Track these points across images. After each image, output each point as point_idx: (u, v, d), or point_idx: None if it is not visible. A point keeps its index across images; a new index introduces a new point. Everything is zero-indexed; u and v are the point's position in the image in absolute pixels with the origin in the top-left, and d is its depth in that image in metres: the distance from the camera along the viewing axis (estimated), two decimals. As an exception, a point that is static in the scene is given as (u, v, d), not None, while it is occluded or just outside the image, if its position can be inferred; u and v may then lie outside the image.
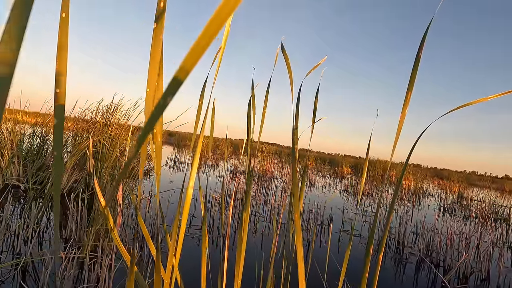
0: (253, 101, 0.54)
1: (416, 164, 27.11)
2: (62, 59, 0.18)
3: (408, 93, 0.42)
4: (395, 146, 0.45)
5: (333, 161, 14.65)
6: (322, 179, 7.04)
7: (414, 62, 0.41)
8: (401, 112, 0.43)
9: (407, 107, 0.43)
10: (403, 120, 0.43)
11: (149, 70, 0.31)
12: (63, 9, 0.18)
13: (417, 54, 0.40)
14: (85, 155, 2.58)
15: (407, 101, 0.42)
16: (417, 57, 0.40)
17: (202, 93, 0.45)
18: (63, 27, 0.18)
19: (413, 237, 2.64)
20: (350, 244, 0.58)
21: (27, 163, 2.64)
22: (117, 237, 0.36)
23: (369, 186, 5.70)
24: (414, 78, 0.41)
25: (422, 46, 0.40)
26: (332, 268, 1.66)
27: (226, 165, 1.32)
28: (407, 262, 1.97)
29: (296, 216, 0.36)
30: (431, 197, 6.31)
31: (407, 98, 0.42)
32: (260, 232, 2.15)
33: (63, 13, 0.18)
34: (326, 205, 3.52)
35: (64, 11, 0.18)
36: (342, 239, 2.26)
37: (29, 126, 3.11)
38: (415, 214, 3.77)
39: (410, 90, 0.42)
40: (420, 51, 0.40)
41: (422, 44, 0.40)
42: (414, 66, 0.41)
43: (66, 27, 0.18)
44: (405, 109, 0.42)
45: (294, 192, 0.36)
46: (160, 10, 0.27)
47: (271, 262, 0.58)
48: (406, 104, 0.42)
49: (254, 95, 0.56)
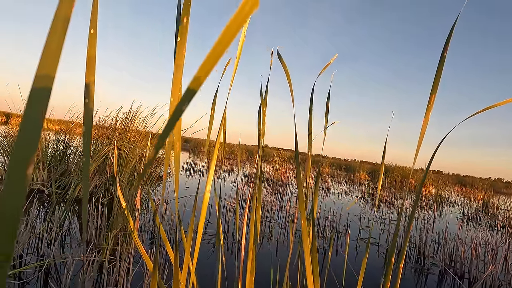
0: (263, 108, 0.54)
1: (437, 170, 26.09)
2: (90, 72, 0.20)
3: (432, 96, 0.39)
4: (418, 152, 0.44)
5: (349, 167, 14.38)
6: (338, 186, 6.91)
7: (439, 63, 0.38)
8: (424, 116, 0.41)
9: (431, 111, 0.40)
10: (426, 125, 0.41)
11: (173, 81, 0.32)
12: (92, 25, 0.19)
13: (441, 54, 0.38)
14: (104, 161, 2.67)
15: (431, 104, 0.40)
16: (442, 57, 0.38)
17: (213, 102, 0.46)
18: (92, 42, 0.20)
19: (435, 246, 2.53)
20: (367, 253, 0.57)
21: (51, 169, 2.75)
22: (137, 239, 0.37)
23: (387, 193, 5.55)
24: (438, 80, 0.39)
25: (447, 46, 0.37)
26: (349, 277, 1.62)
27: (240, 171, 1.32)
28: (429, 272, 1.89)
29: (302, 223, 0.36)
30: (454, 205, 6.05)
31: (430, 102, 0.40)
32: (275, 239, 2.14)
33: (91, 30, 0.19)
34: (342, 212, 3.45)
35: (93, 27, 0.19)
36: (360, 247, 2.21)
37: (53, 132, 3.25)
38: (436, 223, 3.63)
39: (434, 93, 0.39)
40: (445, 51, 0.37)
41: (447, 44, 0.37)
42: (439, 68, 0.39)
43: (94, 42, 0.20)
44: (428, 113, 0.40)
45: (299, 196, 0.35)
46: (184, 26, 0.28)
47: (287, 270, 0.57)
48: (430, 108, 0.40)
49: (263, 103, 0.56)
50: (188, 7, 0.27)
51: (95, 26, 0.19)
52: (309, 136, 0.43)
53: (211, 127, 0.46)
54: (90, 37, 0.19)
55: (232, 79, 0.43)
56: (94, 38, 0.19)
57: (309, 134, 0.43)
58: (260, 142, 0.50)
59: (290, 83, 0.44)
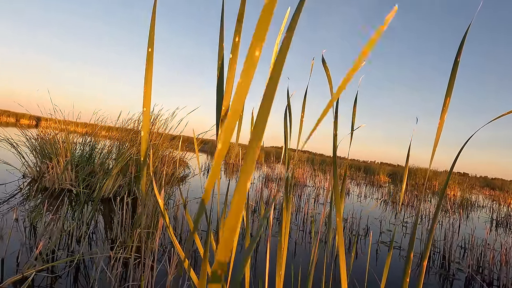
0: (289, 111, 0.55)
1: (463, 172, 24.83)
2: (147, 84, 0.22)
3: (447, 99, 0.40)
4: (434, 154, 0.44)
5: (369, 169, 14.04)
6: (357, 188, 6.78)
7: (452, 67, 0.39)
8: (440, 118, 0.41)
9: (446, 113, 0.41)
10: (441, 127, 0.41)
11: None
12: (149, 45, 0.22)
13: (455, 59, 0.39)
14: (128, 162, 2.77)
15: (446, 107, 0.40)
16: (455, 62, 0.38)
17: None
18: (149, 59, 0.22)
19: (461, 251, 2.43)
20: (390, 256, 0.57)
21: (79, 169, 2.90)
22: (172, 234, 0.40)
23: (409, 195, 5.38)
24: (452, 84, 0.40)
25: (461, 51, 0.38)
26: (370, 280, 1.59)
27: (257, 172, 1.34)
28: (454, 278, 1.82)
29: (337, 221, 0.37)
30: (481, 209, 5.76)
31: (445, 104, 0.40)
32: (293, 241, 2.14)
33: (149, 48, 0.22)
34: (362, 214, 3.38)
35: (150, 46, 0.22)
36: (380, 250, 2.16)
37: (79, 135, 3.41)
38: (462, 227, 3.48)
39: (448, 96, 0.40)
40: (459, 56, 0.38)
41: (461, 49, 0.38)
42: (452, 72, 0.39)
43: (151, 59, 0.22)
44: (443, 115, 0.41)
45: (336, 198, 0.36)
46: (236, 44, 0.30)
47: (311, 270, 0.58)
48: (445, 111, 0.41)
49: (290, 105, 0.57)
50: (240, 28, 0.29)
51: (152, 45, 0.22)
52: (334, 139, 0.44)
53: (240, 130, 0.48)
54: (148, 55, 0.22)
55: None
56: (151, 56, 0.22)
57: (334, 136, 0.44)
58: (286, 146, 0.52)
59: (331, 87, 0.46)
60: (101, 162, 3.01)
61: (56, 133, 3.01)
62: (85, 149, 3.14)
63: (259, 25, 0.14)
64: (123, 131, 3.17)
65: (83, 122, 4.09)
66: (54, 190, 2.61)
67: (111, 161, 3.07)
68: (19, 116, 21.25)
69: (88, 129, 3.75)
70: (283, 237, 0.52)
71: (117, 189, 2.72)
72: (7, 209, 1.94)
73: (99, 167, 2.96)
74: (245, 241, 0.56)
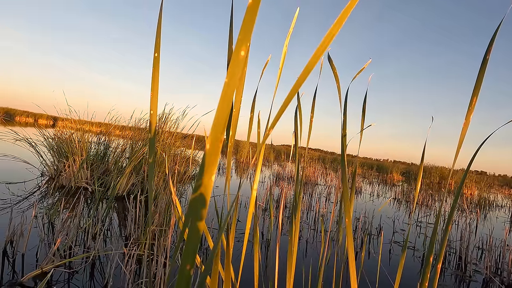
0: (299, 110, 0.55)
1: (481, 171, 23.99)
2: (154, 88, 0.23)
3: (473, 98, 0.38)
4: (458, 153, 0.42)
5: (381, 167, 13.79)
6: (369, 186, 6.67)
7: (481, 65, 0.37)
8: (465, 118, 0.39)
9: (472, 113, 0.38)
10: (466, 128, 0.39)
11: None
12: (156, 49, 0.22)
13: (484, 56, 0.36)
14: (141, 161, 2.82)
15: (472, 107, 0.38)
16: (484, 59, 0.36)
17: (253, 105, 0.48)
18: (156, 63, 0.23)
19: (478, 252, 2.36)
20: (404, 256, 0.56)
21: (94, 168, 2.97)
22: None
23: (423, 194, 5.26)
24: (480, 82, 0.37)
25: (490, 49, 0.36)
26: (382, 280, 1.57)
27: (268, 171, 1.34)
28: (471, 280, 1.77)
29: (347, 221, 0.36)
30: (500, 209, 5.57)
31: (472, 104, 0.38)
32: (304, 239, 2.13)
33: (155, 53, 0.22)
34: (374, 214, 3.33)
35: (156, 51, 0.22)
36: (393, 250, 2.12)
37: (94, 134, 3.49)
38: (479, 228, 3.37)
39: (475, 95, 0.37)
40: (488, 53, 0.36)
41: (490, 47, 0.36)
42: (481, 70, 0.37)
43: (158, 63, 0.23)
44: (469, 115, 0.38)
45: (344, 198, 0.36)
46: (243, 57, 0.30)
47: (321, 268, 0.58)
48: (471, 110, 0.38)
49: (300, 105, 0.57)
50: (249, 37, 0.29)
51: (158, 50, 0.22)
52: (343, 138, 0.44)
53: (251, 129, 0.48)
54: (155, 60, 0.22)
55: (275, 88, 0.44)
56: (158, 60, 0.22)
57: (343, 136, 0.44)
58: (297, 146, 0.51)
59: (339, 86, 0.45)
60: (115, 161, 3.08)
61: (72, 133, 3.10)
62: (100, 148, 3.22)
63: (243, 26, 0.14)
64: (136, 130, 3.24)
65: (97, 122, 4.19)
66: (70, 188, 2.69)
67: (125, 160, 3.14)
68: (37, 116, 21.99)
69: (103, 128, 3.83)
70: (293, 239, 0.52)
71: (131, 188, 2.78)
72: (27, 206, 2.02)
73: (113, 165, 3.03)
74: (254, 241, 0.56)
